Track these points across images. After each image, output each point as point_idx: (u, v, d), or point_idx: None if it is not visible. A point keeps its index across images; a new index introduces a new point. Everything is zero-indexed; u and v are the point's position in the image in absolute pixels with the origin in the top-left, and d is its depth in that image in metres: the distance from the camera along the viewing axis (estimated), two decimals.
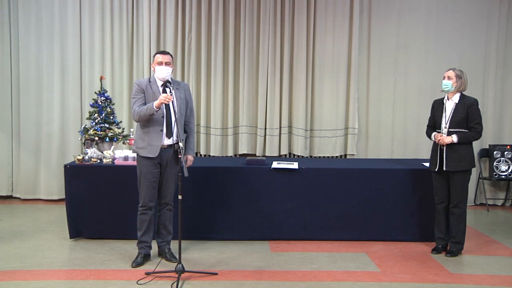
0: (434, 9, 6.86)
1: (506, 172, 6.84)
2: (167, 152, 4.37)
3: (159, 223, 4.54)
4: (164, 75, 4.32)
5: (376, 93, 6.94)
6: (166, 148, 4.35)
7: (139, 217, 4.43)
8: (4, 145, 6.87)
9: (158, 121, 4.30)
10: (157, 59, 4.34)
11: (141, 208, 4.41)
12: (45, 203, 6.73)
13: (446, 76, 4.72)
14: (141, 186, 4.39)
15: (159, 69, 4.32)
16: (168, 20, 6.72)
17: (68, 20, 6.73)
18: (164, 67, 4.32)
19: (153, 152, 4.29)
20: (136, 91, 4.35)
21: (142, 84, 4.37)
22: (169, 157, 4.37)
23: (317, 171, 5.19)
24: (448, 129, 4.67)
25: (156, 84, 4.36)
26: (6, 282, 4.00)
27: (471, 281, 4.19)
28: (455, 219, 4.72)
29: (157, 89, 4.34)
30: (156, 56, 4.38)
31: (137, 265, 4.36)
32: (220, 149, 6.83)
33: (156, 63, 4.34)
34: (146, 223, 4.41)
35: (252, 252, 4.81)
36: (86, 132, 5.43)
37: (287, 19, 6.74)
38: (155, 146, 4.30)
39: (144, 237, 4.44)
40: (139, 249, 4.47)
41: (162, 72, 4.32)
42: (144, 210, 4.40)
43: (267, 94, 6.78)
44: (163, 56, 4.35)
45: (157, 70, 4.34)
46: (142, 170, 4.36)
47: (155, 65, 4.35)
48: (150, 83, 4.37)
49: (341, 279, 4.19)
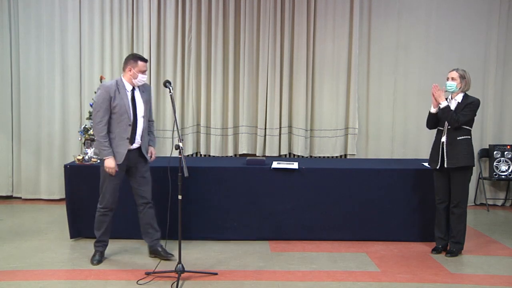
0: (434, 9, 6.86)
1: (506, 172, 6.83)
2: (134, 154, 4.43)
3: (143, 224, 4.59)
4: (143, 83, 4.44)
5: (376, 93, 6.94)
6: (131, 151, 4.41)
7: (100, 218, 4.47)
8: (4, 145, 6.87)
9: (125, 130, 4.34)
10: (141, 67, 4.36)
11: (103, 210, 4.45)
12: (46, 203, 6.73)
13: (450, 77, 4.71)
14: (104, 189, 4.42)
15: (141, 77, 4.38)
16: (168, 20, 6.72)
17: (68, 20, 6.73)
18: (144, 76, 4.41)
19: (119, 159, 4.33)
20: (104, 99, 4.26)
21: (111, 89, 4.29)
22: (136, 158, 4.45)
23: (317, 171, 5.20)
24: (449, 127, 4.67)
25: (125, 88, 4.36)
26: (6, 282, 4.00)
27: (471, 281, 4.19)
28: (455, 219, 4.72)
29: (125, 93, 4.34)
30: (139, 63, 4.36)
31: (98, 263, 4.44)
32: (220, 149, 6.82)
33: (139, 71, 4.35)
34: (106, 224, 4.49)
35: (252, 252, 4.81)
36: (86, 132, 5.43)
37: (287, 19, 6.74)
38: (121, 153, 4.35)
39: (103, 236, 4.52)
40: (96, 247, 4.52)
41: (142, 80, 4.41)
42: (106, 211, 4.45)
43: (267, 94, 6.78)
44: (145, 64, 4.41)
45: (139, 78, 4.37)
46: (107, 174, 4.36)
47: (137, 72, 4.34)
48: (118, 87, 4.33)
49: (341, 279, 4.19)
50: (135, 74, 4.35)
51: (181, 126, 6.76)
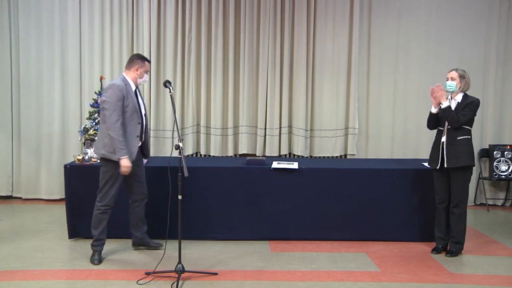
0: (434, 9, 6.86)
1: (506, 172, 6.83)
2: (138, 152, 4.52)
3: (137, 218, 4.69)
4: (145, 82, 4.66)
5: (376, 93, 6.94)
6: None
7: (100, 216, 4.48)
8: (4, 145, 6.87)
9: (135, 128, 4.43)
10: (147, 67, 4.55)
11: (104, 208, 4.47)
12: (46, 203, 6.73)
13: (450, 77, 4.72)
14: (109, 187, 4.44)
15: (146, 77, 4.58)
16: (168, 20, 6.72)
17: (68, 20, 6.73)
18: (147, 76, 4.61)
19: (131, 157, 4.37)
20: (118, 98, 4.32)
21: (123, 89, 4.37)
22: (139, 156, 4.56)
23: (317, 171, 5.20)
24: (449, 127, 4.67)
25: (131, 87, 4.46)
26: (6, 282, 4.00)
27: (471, 281, 4.19)
28: (455, 219, 4.72)
29: (131, 92, 4.44)
30: (146, 63, 4.55)
31: (99, 262, 4.45)
32: (220, 149, 6.82)
33: (145, 71, 4.51)
34: (105, 222, 4.51)
35: (252, 252, 4.81)
36: (86, 132, 5.44)
37: (287, 19, 6.74)
38: (134, 151, 4.42)
39: (101, 235, 4.52)
40: (95, 247, 4.52)
41: (145, 80, 4.58)
42: (106, 209, 4.48)
43: (267, 94, 6.78)
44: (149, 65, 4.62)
45: (144, 78, 4.54)
46: (113, 173, 4.39)
47: (144, 72, 4.49)
48: (126, 86, 4.41)
49: (341, 279, 4.19)
50: (141, 73, 4.48)
51: (181, 126, 6.76)
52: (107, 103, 4.30)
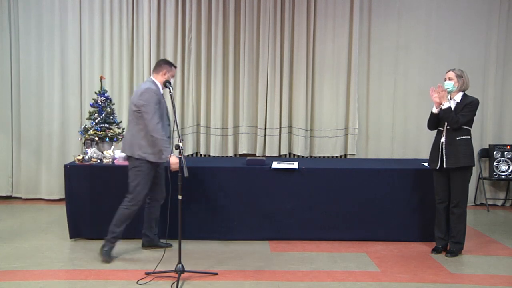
0: (434, 9, 6.86)
1: (506, 172, 6.84)
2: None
3: (153, 218, 4.77)
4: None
5: (376, 93, 6.94)
6: None
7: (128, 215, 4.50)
8: (4, 145, 6.87)
9: (166, 130, 4.55)
10: (173, 73, 4.64)
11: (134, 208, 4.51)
12: (46, 203, 6.73)
13: (447, 77, 4.74)
14: (142, 188, 4.50)
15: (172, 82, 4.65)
16: (168, 20, 6.72)
17: (68, 20, 6.73)
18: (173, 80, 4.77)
19: (163, 158, 4.46)
20: (156, 101, 4.45)
21: (158, 92, 4.51)
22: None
23: (317, 171, 5.20)
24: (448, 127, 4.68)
25: (160, 90, 4.57)
26: (6, 282, 4.00)
27: (471, 281, 4.19)
28: (455, 219, 4.73)
29: (161, 95, 4.57)
30: (173, 68, 4.62)
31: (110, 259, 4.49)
32: (220, 149, 6.83)
33: (172, 76, 4.60)
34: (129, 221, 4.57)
35: (252, 252, 4.81)
36: (86, 132, 5.43)
37: (287, 19, 6.74)
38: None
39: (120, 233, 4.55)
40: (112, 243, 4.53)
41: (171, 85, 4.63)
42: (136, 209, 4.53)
43: (267, 94, 6.78)
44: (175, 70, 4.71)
45: (172, 82, 4.62)
46: (146, 173, 4.49)
47: (170, 77, 4.58)
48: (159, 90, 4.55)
49: (341, 279, 4.19)
50: (169, 78, 4.57)
51: (181, 126, 6.77)
52: (146, 106, 4.39)
